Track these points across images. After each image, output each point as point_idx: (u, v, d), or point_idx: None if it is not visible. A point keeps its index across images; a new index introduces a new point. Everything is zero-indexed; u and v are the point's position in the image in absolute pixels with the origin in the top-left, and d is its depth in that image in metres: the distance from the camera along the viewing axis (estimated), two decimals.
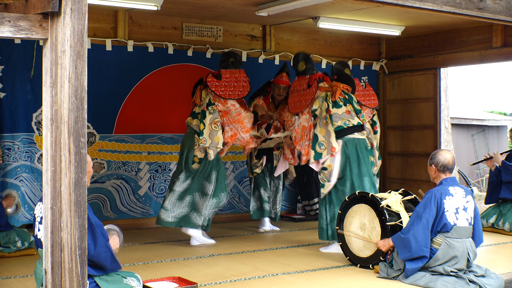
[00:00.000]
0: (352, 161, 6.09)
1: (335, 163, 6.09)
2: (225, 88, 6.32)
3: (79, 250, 3.29)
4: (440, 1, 5.26)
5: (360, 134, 6.20)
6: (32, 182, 6.79)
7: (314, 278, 5.04)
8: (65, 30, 3.27)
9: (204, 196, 6.37)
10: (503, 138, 17.99)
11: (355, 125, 6.16)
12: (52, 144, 3.34)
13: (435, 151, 5.03)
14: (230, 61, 6.49)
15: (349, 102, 6.24)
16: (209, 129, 6.25)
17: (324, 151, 6.09)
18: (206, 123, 6.25)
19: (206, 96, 6.35)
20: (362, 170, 6.08)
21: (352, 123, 6.16)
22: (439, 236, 4.80)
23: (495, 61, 8.30)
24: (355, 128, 6.17)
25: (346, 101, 6.23)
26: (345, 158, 6.09)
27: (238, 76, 6.46)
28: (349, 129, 6.14)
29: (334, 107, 6.17)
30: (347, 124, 6.14)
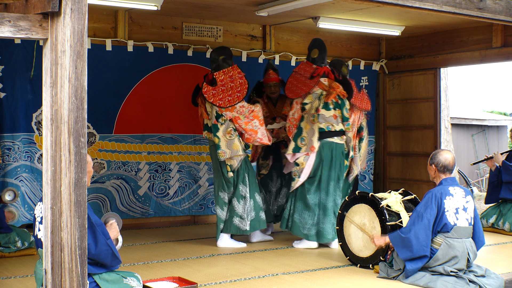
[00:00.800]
0: (324, 163, 6.22)
1: (307, 162, 6.21)
2: (223, 94, 6.17)
3: (79, 250, 3.29)
4: (440, 1, 5.26)
5: (339, 139, 6.29)
6: (32, 182, 6.79)
7: (314, 278, 5.04)
8: (65, 30, 3.27)
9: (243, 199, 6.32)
10: (503, 138, 17.99)
11: (337, 130, 6.26)
12: (52, 144, 3.34)
13: (435, 151, 5.02)
14: (221, 59, 6.31)
15: (339, 108, 6.27)
16: (225, 140, 6.19)
17: (304, 146, 6.21)
18: (220, 135, 6.19)
19: (212, 109, 6.23)
20: (332, 174, 6.24)
21: (335, 128, 6.24)
22: (439, 236, 4.80)
23: (495, 61, 8.30)
24: (336, 133, 6.26)
25: (337, 105, 6.26)
26: (319, 160, 6.22)
27: (233, 74, 6.29)
28: (329, 133, 6.25)
29: (323, 108, 6.23)
30: (330, 128, 6.23)
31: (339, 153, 6.30)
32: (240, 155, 6.24)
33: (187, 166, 7.78)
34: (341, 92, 6.28)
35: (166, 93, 7.62)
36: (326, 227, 6.22)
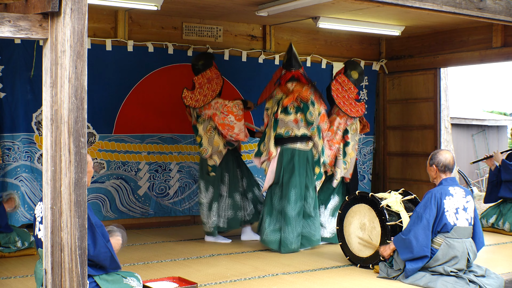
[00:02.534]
0: (285, 170, 6.12)
1: (270, 168, 6.19)
2: (199, 95, 6.49)
3: (79, 250, 3.29)
4: (440, 1, 5.26)
5: (303, 145, 6.13)
6: (32, 182, 6.79)
7: (314, 278, 5.04)
8: (65, 30, 3.27)
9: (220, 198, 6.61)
10: (503, 138, 17.99)
11: (297, 135, 6.10)
12: (52, 144, 3.34)
13: (434, 151, 5.03)
14: (200, 64, 6.62)
15: (301, 111, 6.10)
16: (206, 137, 6.47)
17: (264, 151, 6.22)
18: (202, 133, 6.49)
19: (193, 111, 6.59)
20: (294, 181, 6.06)
21: (295, 133, 6.10)
22: (439, 236, 4.80)
23: (495, 61, 8.30)
24: (298, 139, 6.12)
25: (299, 109, 6.10)
26: (280, 166, 6.15)
27: (210, 76, 6.57)
28: (290, 139, 6.13)
29: (282, 113, 6.14)
30: (288, 134, 6.11)
31: (303, 160, 6.11)
32: (221, 151, 6.50)
33: (187, 166, 7.78)
34: (302, 95, 6.08)
35: (166, 93, 7.62)
36: (288, 236, 6.01)
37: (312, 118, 6.10)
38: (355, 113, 6.55)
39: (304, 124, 6.11)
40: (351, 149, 6.55)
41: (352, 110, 6.54)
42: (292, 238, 6.02)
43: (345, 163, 6.51)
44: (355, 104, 6.59)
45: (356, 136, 6.67)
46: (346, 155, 6.52)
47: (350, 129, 6.57)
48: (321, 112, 6.21)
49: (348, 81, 6.67)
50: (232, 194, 6.64)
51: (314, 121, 6.11)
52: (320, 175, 6.29)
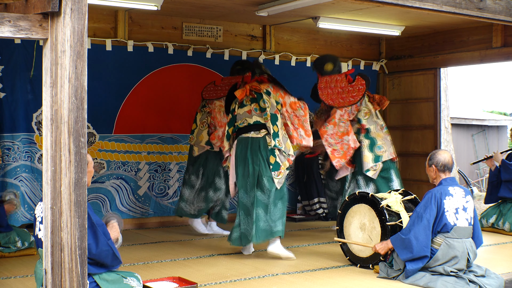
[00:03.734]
0: (239, 160, 5.85)
1: (231, 163, 6.00)
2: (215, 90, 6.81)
3: (79, 250, 3.29)
4: (440, 1, 5.26)
5: (256, 133, 5.84)
6: (32, 182, 6.79)
7: (314, 278, 5.04)
8: (65, 30, 3.27)
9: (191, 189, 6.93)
10: (503, 138, 17.99)
11: (250, 124, 5.87)
12: (52, 144, 3.34)
13: (432, 152, 5.03)
14: (237, 68, 6.88)
15: (256, 102, 5.91)
16: (198, 128, 6.77)
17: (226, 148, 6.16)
18: (198, 122, 6.83)
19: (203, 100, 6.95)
20: (246, 170, 5.78)
21: (248, 122, 5.89)
22: (439, 236, 4.80)
23: (495, 61, 8.30)
24: (252, 127, 5.87)
25: (254, 100, 5.92)
26: (237, 158, 5.90)
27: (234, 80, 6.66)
28: (244, 128, 5.90)
29: (240, 108, 5.99)
30: (243, 124, 5.91)
31: (255, 147, 5.80)
32: (203, 146, 6.77)
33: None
34: (254, 86, 5.94)
35: (166, 93, 7.62)
36: (248, 228, 5.70)
37: (265, 105, 5.83)
38: (347, 102, 6.44)
39: (257, 113, 5.89)
40: (376, 132, 6.57)
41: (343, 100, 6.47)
42: (251, 230, 5.67)
43: (379, 147, 6.54)
44: (348, 91, 6.49)
45: (373, 118, 6.63)
46: (376, 140, 6.54)
47: (361, 116, 6.55)
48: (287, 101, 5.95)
49: (330, 77, 6.62)
50: (206, 188, 6.91)
51: (268, 108, 5.83)
52: (277, 165, 5.74)
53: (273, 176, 5.74)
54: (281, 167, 5.77)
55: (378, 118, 6.68)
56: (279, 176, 5.78)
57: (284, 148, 5.80)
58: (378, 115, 6.69)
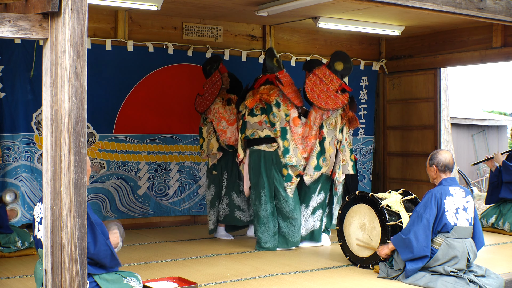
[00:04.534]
0: (254, 172, 6.24)
1: (244, 171, 6.39)
2: (204, 100, 6.71)
3: (79, 250, 3.29)
4: (440, 1, 5.26)
5: (268, 147, 6.19)
6: (32, 182, 6.79)
7: (314, 278, 5.04)
8: (65, 30, 3.27)
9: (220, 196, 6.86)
10: (503, 138, 17.99)
11: (261, 137, 6.19)
12: (52, 144, 3.34)
13: (433, 151, 5.03)
14: (207, 69, 6.84)
15: (266, 113, 6.18)
16: (206, 139, 6.69)
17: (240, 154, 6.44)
18: (205, 136, 6.73)
19: (202, 114, 6.82)
20: (261, 182, 6.18)
21: (259, 134, 6.19)
22: (439, 236, 4.80)
23: (495, 61, 8.30)
24: (263, 140, 6.19)
25: (264, 111, 6.19)
26: (250, 168, 6.28)
27: (213, 79, 6.71)
28: (255, 140, 6.23)
29: (249, 115, 6.28)
30: (254, 135, 6.23)
31: (269, 161, 6.18)
32: (215, 154, 6.67)
33: (187, 166, 7.78)
34: (264, 97, 6.14)
35: (166, 93, 7.62)
36: (262, 236, 6.18)
37: (275, 120, 6.14)
38: (332, 105, 6.19)
39: (267, 126, 6.18)
40: (329, 145, 6.26)
41: (328, 103, 6.21)
42: (266, 238, 6.17)
43: (324, 159, 6.26)
44: (334, 96, 6.24)
45: (335, 132, 6.25)
46: (325, 152, 6.25)
47: (325, 124, 6.26)
48: (292, 115, 6.17)
49: (330, 73, 6.35)
50: (230, 192, 6.80)
51: (278, 122, 6.13)
52: (289, 177, 6.20)
53: (286, 187, 6.20)
54: (293, 178, 6.22)
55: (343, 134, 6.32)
56: (291, 186, 6.24)
57: (295, 161, 6.19)
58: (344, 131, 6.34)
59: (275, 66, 6.36)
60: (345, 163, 6.47)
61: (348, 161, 6.51)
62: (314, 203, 6.35)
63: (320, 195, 6.36)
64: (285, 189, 6.19)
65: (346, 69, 6.45)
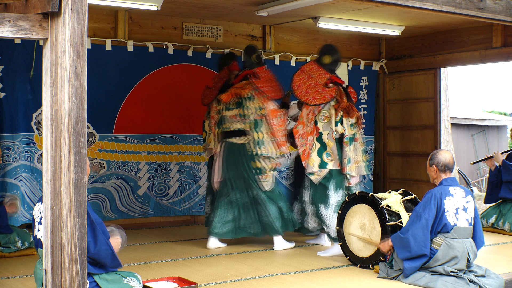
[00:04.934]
0: (227, 163, 6.29)
1: (217, 163, 6.43)
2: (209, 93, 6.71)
3: (79, 250, 3.29)
4: (440, 1, 5.26)
5: (238, 139, 6.27)
6: (32, 182, 6.79)
7: (314, 278, 5.04)
8: (65, 30, 3.27)
9: None
10: (503, 138, 18.00)
11: (235, 130, 6.27)
12: (52, 144, 3.34)
13: (433, 151, 5.03)
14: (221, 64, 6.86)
15: (239, 107, 6.26)
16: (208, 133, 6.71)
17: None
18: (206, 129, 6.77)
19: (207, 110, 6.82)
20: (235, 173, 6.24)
21: (233, 127, 6.28)
22: (439, 237, 4.80)
23: (495, 61, 8.30)
24: (235, 133, 6.27)
25: (239, 104, 6.26)
26: (223, 161, 6.32)
27: (221, 74, 6.72)
28: (229, 133, 6.31)
29: (226, 110, 6.36)
30: (228, 128, 6.32)
31: (237, 153, 6.24)
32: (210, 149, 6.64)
33: (187, 166, 7.78)
34: (237, 91, 6.25)
35: (166, 93, 7.62)
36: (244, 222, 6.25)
37: (248, 112, 6.20)
38: (319, 100, 6.08)
39: (240, 119, 6.25)
40: (327, 139, 6.11)
41: (316, 98, 6.10)
42: (248, 223, 6.23)
43: (328, 154, 6.10)
44: (322, 90, 6.14)
45: (330, 125, 6.08)
46: (326, 147, 6.11)
47: (318, 118, 6.13)
48: (268, 108, 6.18)
49: (319, 68, 6.24)
50: None
51: (251, 115, 6.19)
52: (262, 170, 6.18)
53: (258, 180, 6.19)
54: (267, 171, 6.19)
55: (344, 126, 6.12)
56: (266, 179, 6.20)
57: (270, 153, 6.18)
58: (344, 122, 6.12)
59: (254, 62, 6.42)
60: (359, 164, 6.29)
61: (361, 162, 6.35)
62: (333, 201, 6.08)
63: (338, 192, 6.12)
64: (256, 182, 6.19)
65: (334, 62, 6.33)
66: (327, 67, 6.26)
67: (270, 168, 6.24)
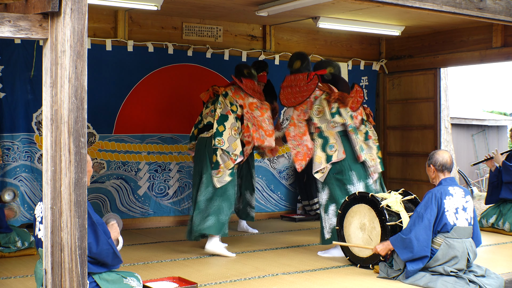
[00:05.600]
0: (197, 157, 6.25)
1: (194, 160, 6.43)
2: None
3: (79, 250, 3.29)
4: (440, 1, 5.26)
5: (207, 133, 6.22)
6: (32, 182, 6.79)
7: (314, 278, 5.04)
8: (65, 30, 3.27)
9: None
10: (503, 138, 17.99)
11: (204, 124, 6.27)
12: (52, 144, 3.34)
13: (432, 151, 5.03)
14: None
15: (214, 103, 6.26)
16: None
17: None
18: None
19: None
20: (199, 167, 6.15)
21: (203, 123, 6.29)
22: (439, 236, 4.80)
23: (495, 61, 8.30)
24: (206, 127, 6.25)
25: (214, 102, 6.27)
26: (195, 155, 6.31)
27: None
28: (201, 129, 6.30)
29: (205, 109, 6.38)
30: (201, 123, 6.31)
31: (204, 146, 6.16)
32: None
33: (186, 166, 7.78)
34: (215, 88, 6.28)
35: (166, 93, 7.62)
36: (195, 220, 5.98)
37: (218, 106, 6.13)
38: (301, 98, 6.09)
39: (212, 113, 6.23)
40: (327, 130, 6.03)
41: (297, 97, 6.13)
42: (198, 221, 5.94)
43: (331, 146, 6.01)
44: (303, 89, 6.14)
45: (326, 116, 6.01)
46: (328, 139, 6.01)
47: (313, 114, 6.08)
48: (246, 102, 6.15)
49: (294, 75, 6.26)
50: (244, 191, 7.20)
51: (220, 110, 6.09)
52: (217, 164, 5.94)
53: (213, 175, 5.97)
54: (221, 166, 5.95)
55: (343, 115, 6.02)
56: (218, 175, 5.97)
57: (227, 147, 5.98)
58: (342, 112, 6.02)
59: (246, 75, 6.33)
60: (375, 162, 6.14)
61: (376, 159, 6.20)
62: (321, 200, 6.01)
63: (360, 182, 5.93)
64: (209, 176, 5.99)
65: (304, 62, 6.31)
66: (303, 70, 6.28)
67: (227, 165, 5.97)
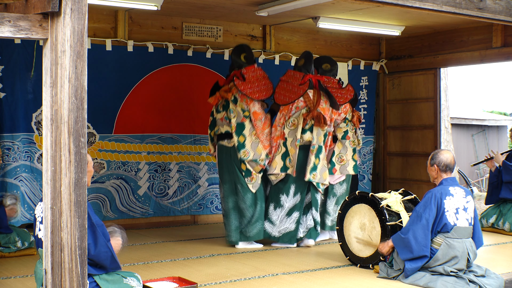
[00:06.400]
0: (220, 166, 6.39)
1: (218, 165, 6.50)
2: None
3: (79, 250, 3.29)
4: (440, 1, 5.26)
5: (227, 142, 6.29)
6: (32, 182, 6.79)
7: (314, 278, 5.04)
8: (65, 30, 3.27)
9: None
10: (503, 138, 17.99)
11: (222, 133, 6.32)
12: (52, 144, 3.34)
13: (434, 151, 5.03)
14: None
15: (226, 109, 6.28)
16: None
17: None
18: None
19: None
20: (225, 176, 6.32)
21: (221, 130, 6.33)
22: (439, 236, 4.80)
23: (495, 61, 8.30)
24: (224, 136, 6.31)
25: (226, 107, 6.28)
26: (218, 163, 6.43)
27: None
28: (220, 136, 6.36)
29: (217, 112, 6.44)
30: (219, 131, 6.38)
31: (228, 156, 6.27)
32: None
33: (186, 166, 7.78)
34: (222, 94, 6.27)
35: (166, 93, 7.62)
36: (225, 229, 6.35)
37: (231, 116, 6.22)
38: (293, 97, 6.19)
39: (227, 121, 6.28)
40: (290, 145, 6.22)
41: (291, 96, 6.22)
42: (228, 231, 6.30)
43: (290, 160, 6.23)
44: (297, 89, 6.24)
45: (296, 132, 6.18)
46: (288, 153, 6.24)
47: (286, 124, 6.25)
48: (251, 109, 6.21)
49: (294, 72, 6.39)
50: None
51: (234, 118, 6.20)
52: (248, 172, 6.21)
53: (247, 182, 6.23)
54: (252, 173, 6.21)
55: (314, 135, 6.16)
56: (252, 181, 6.25)
57: (253, 156, 6.19)
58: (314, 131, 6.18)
59: (243, 62, 6.38)
60: (345, 163, 6.63)
61: (349, 161, 6.65)
62: (289, 204, 6.29)
63: (296, 196, 6.29)
64: (244, 184, 6.23)
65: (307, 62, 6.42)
66: (303, 69, 6.40)
67: (256, 170, 6.25)
